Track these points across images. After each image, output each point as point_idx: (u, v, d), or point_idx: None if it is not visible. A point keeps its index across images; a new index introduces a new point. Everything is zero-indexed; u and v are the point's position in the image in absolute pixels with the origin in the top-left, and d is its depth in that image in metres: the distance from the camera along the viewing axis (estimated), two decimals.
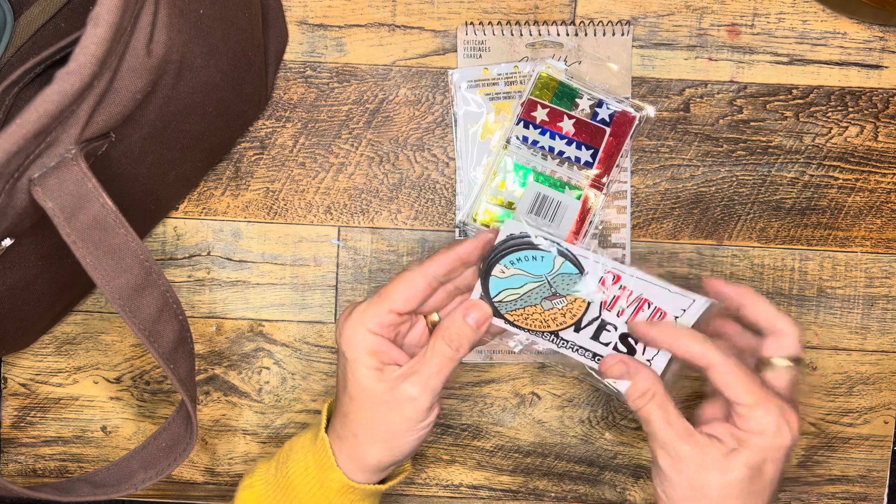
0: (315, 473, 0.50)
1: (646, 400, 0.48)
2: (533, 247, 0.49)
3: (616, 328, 0.51)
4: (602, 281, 0.50)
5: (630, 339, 0.51)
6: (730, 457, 0.46)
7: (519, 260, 0.49)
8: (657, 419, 0.47)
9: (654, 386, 0.48)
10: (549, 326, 0.52)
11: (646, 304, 0.50)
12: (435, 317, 0.51)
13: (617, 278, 0.50)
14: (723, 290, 0.51)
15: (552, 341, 0.52)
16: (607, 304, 0.51)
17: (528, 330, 0.52)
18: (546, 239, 0.49)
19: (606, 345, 0.52)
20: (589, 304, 0.50)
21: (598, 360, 0.52)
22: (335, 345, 0.55)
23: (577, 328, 0.52)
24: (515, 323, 0.52)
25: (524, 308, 0.51)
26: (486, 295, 0.51)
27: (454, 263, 0.49)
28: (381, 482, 0.51)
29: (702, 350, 0.47)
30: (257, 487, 0.51)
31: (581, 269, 0.49)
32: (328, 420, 0.52)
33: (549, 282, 0.50)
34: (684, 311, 0.50)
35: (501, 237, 0.50)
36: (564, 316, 0.51)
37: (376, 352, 0.48)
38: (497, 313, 0.51)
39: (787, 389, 0.48)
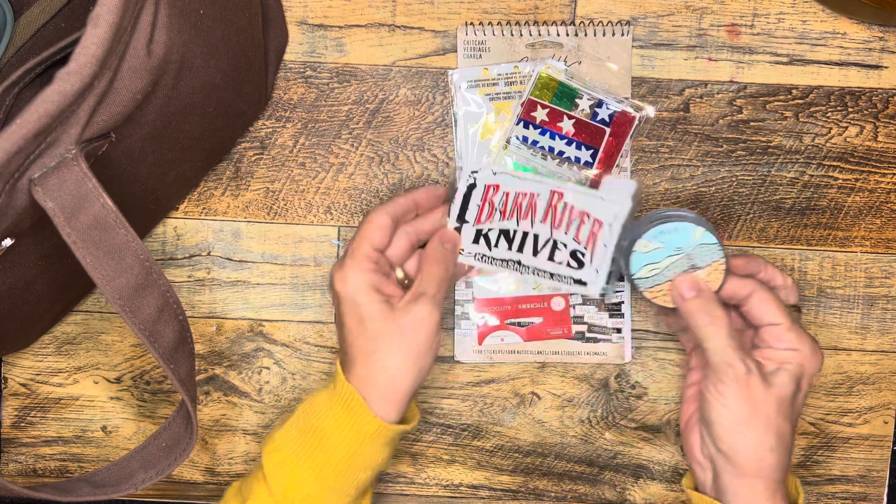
0: (347, 420, 0.51)
1: (714, 319, 0.51)
2: (674, 218, 0.52)
3: (566, 246, 0.56)
4: (551, 198, 0.55)
5: (579, 254, 0.55)
6: (779, 373, 0.51)
7: (662, 233, 0.52)
8: (722, 336, 0.51)
9: (724, 313, 0.52)
10: None
11: (586, 217, 0.55)
12: (399, 273, 0.55)
13: (560, 196, 0.55)
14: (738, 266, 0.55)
15: (515, 269, 0.56)
16: (556, 223, 0.56)
17: (494, 263, 0.56)
18: (682, 214, 0.53)
19: (560, 263, 0.56)
20: (726, 270, 0.52)
21: (557, 278, 0.56)
22: (330, 293, 0.56)
23: (535, 252, 0.56)
24: (653, 301, 0.54)
25: (663, 284, 0.53)
26: (626, 270, 0.54)
27: (410, 205, 0.55)
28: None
29: (744, 282, 0.52)
30: (284, 451, 0.52)
31: (720, 241, 0.52)
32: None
33: (688, 255, 0.52)
34: (615, 216, 0.55)
35: (654, 215, 0.53)
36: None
37: (377, 287, 0.52)
38: (637, 290, 0.54)
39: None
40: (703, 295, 0.52)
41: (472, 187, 0.55)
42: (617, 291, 0.61)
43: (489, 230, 0.56)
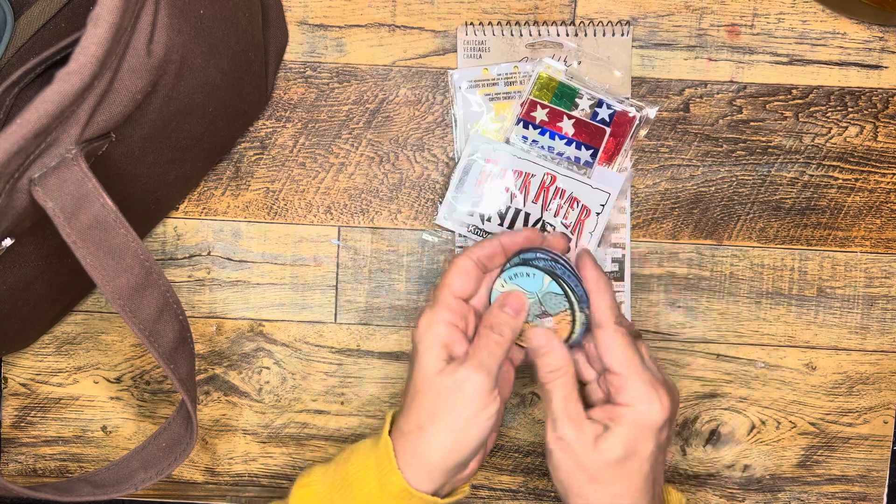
0: (375, 475, 0.49)
1: (555, 377, 0.50)
2: (527, 264, 0.51)
3: (554, 228, 0.59)
4: (543, 182, 0.58)
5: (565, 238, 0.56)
6: (606, 437, 0.48)
7: (517, 276, 0.51)
8: (557, 398, 0.49)
9: (567, 367, 0.50)
10: None
11: (575, 203, 0.58)
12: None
13: (553, 178, 0.58)
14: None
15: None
16: (547, 204, 0.58)
17: None
18: (547, 257, 0.51)
19: None
20: (574, 325, 0.51)
21: None
22: (409, 346, 0.52)
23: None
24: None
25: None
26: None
27: (496, 249, 0.51)
28: (442, 496, 0.50)
29: (607, 308, 0.50)
30: (315, 487, 0.50)
31: (567, 296, 0.50)
32: (391, 425, 0.51)
33: (539, 300, 0.51)
34: (603, 205, 0.59)
35: (515, 259, 0.52)
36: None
37: (448, 344, 0.49)
38: None
39: (653, 364, 0.51)
40: (552, 352, 0.50)
41: (473, 160, 0.58)
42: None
43: (483, 206, 0.58)
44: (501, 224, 0.59)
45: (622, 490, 0.48)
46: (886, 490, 0.64)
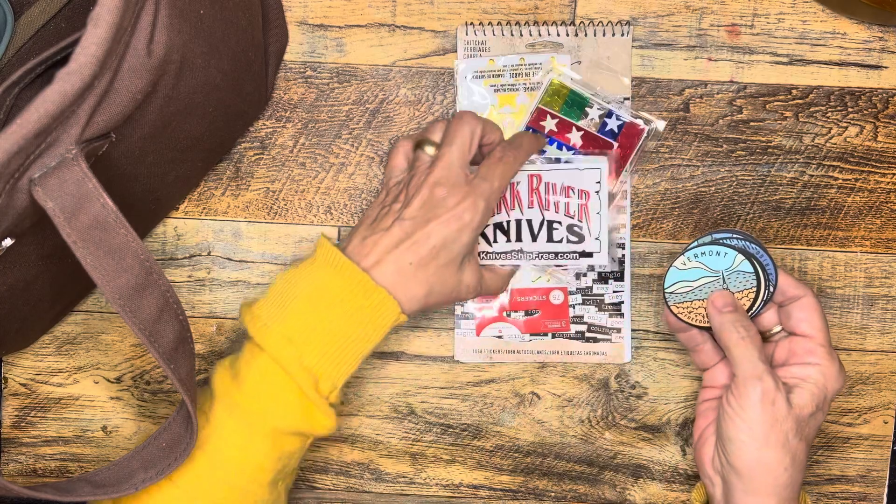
0: (372, 320, 0.50)
1: (746, 338, 0.52)
2: (719, 243, 0.54)
3: (561, 224, 0.58)
4: (530, 185, 0.57)
5: (576, 229, 0.57)
6: (800, 393, 0.51)
7: (703, 254, 0.54)
8: (753, 352, 0.51)
9: (754, 329, 0.53)
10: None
11: (571, 191, 0.58)
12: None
13: (539, 178, 0.57)
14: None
15: (518, 258, 0.58)
16: (544, 204, 0.57)
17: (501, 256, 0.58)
18: (741, 237, 0.55)
19: (560, 241, 0.58)
20: (755, 302, 0.54)
21: (562, 256, 0.58)
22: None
23: (533, 237, 0.58)
24: (679, 315, 0.55)
25: (692, 301, 0.55)
26: (662, 285, 0.56)
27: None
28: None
29: (799, 284, 0.54)
30: (299, 343, 0.50)
31: (758, 274, 0.53)
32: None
33: (724, 278, 0.54)
34: (598, 182, 0.58)
35: (705, 238, 0.55)
36: None
37: None
38: (665, 304, 0.56)
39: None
40: (737, 311, 0.53)
41: None
42: (616, 292, 0.61)
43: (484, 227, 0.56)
44: (508, 240, 0.58)
45: (803, 450, 0.52)
46: (886, 490, 0.64)
